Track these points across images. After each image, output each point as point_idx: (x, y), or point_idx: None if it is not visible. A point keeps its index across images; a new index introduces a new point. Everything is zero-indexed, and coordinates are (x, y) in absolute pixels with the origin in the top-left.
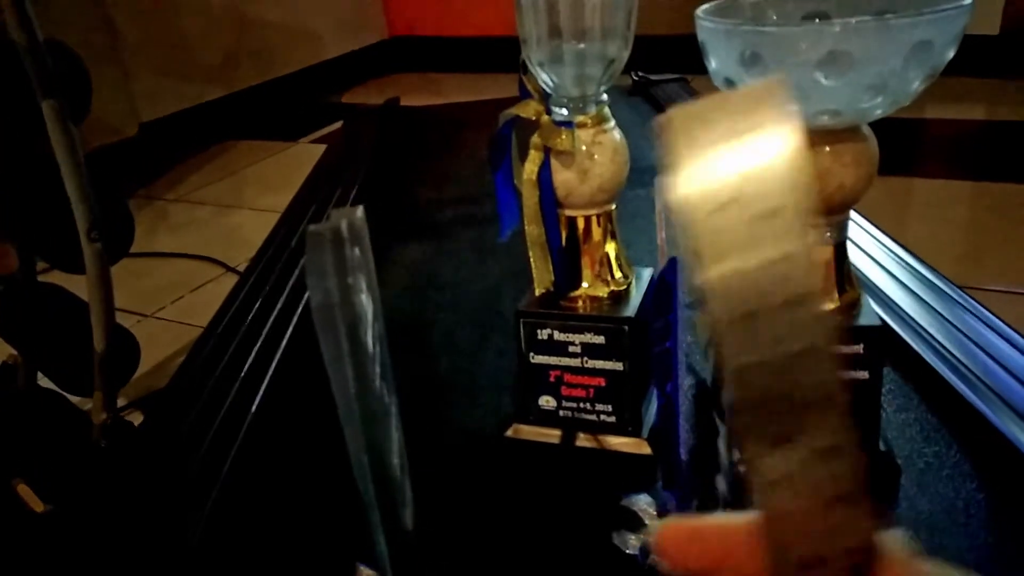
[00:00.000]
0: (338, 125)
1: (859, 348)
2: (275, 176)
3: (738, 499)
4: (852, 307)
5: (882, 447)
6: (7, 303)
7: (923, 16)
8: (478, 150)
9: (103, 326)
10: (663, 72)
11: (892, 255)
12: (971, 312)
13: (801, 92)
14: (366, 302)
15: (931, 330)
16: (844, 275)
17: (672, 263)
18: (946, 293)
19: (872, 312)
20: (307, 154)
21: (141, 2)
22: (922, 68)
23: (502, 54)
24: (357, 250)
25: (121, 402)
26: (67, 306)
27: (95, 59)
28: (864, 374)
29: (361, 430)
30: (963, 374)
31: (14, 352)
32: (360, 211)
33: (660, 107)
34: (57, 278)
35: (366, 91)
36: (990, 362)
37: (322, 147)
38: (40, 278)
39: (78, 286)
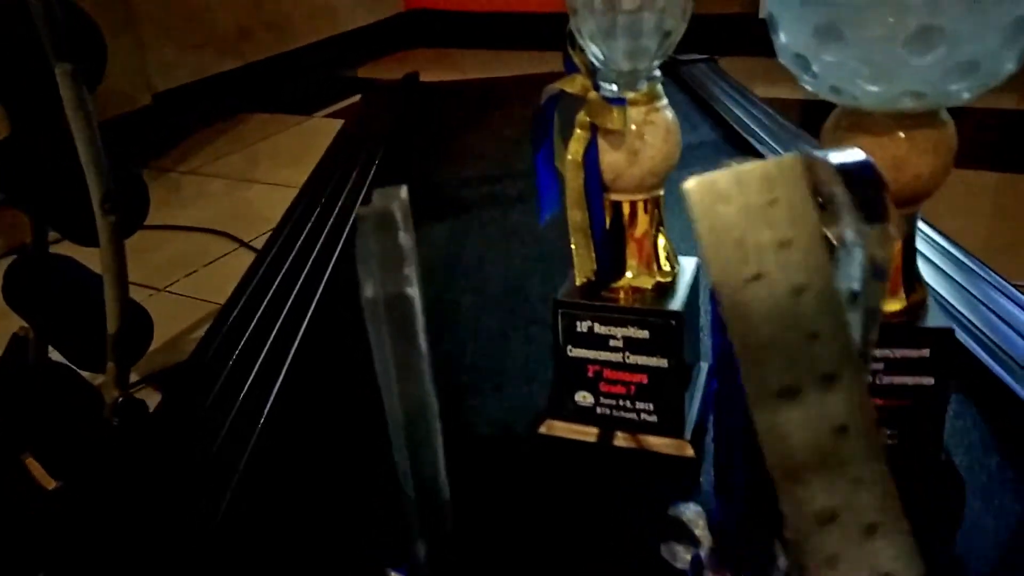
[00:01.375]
0: (354, 99)
1: (925, 352)
2: (290, 150)
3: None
4: (919, 307)
5: (943, 457)
6: (18, 275)
7: None
8: (501, 128)
9: (117, 301)
10: (690, 52)
11: (947, 254)
12: None
13: (883, 71)
14: (416, 294)
15: (989, 333)
16: (912, 273)
17: None
18: (1001, 291)
19: (940, 314)
20: (322, 128)
21: None
22: (1018, 47)
23: (519, 31)
24: (408, 236)
25: (133, 378)
26: (79, 279)
27: (109, 28)
28: (930, 379)
29: (407, 432)
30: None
31: (26, 325)
32: (404, 191)
33: (688, 88)
34: (69, 249)
35: (382, 65)
36: None
37: (337, 122)
38: (52, 249)
39: (91, 258)
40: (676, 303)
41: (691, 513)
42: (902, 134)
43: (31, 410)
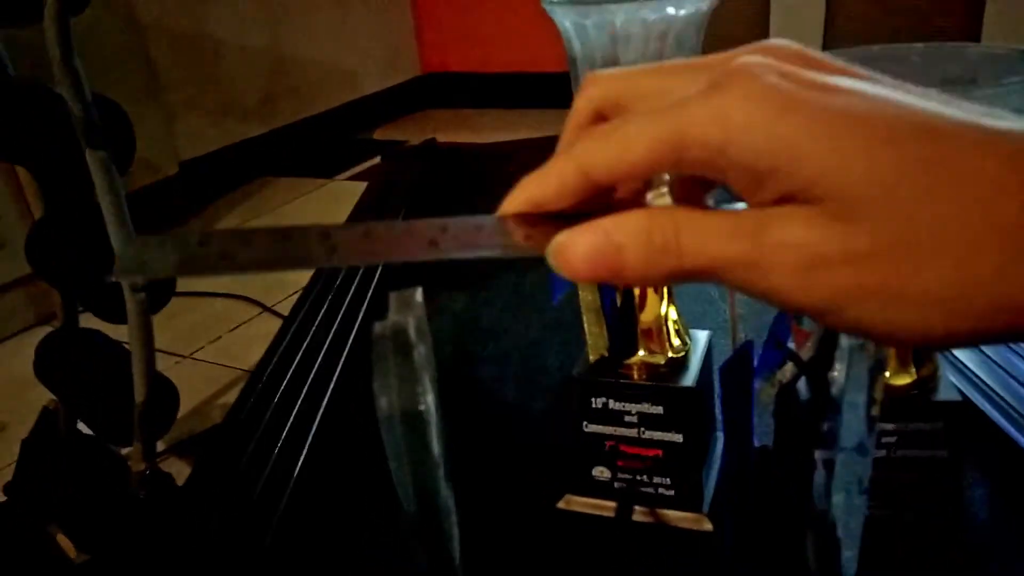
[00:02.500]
0: (374, 161)
1: (939, 425)
2: (312, 213)
3: None
4: (930, 380)
5: (962, 529)
6: (49, 350)
7: (1005, 86)
8: None
9: (144, 375)
10: None
11: None
12: None
13: None
14: (431, 402)
15: (1009, 399)
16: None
17: (749, 342)
18: (1020, 354)
19: (951, 386)
20: (343, 191)
21: (181, 42)
22: None
23: (534, 90)
24: (423, 348)
25: (160, 446)
26: (107, 353)
27: (136, 99)
28: (943, 452)
29: (424, 538)
30: None
31: (54, 398)
32: (419, 294)
33: None
34: (97, 322)
35: (400, 127)
36: None
37: (356, 184)
38: (81, 322)
39: (118, 330)
40: (689, 379)
41: None
42: None
43: (59, 483)
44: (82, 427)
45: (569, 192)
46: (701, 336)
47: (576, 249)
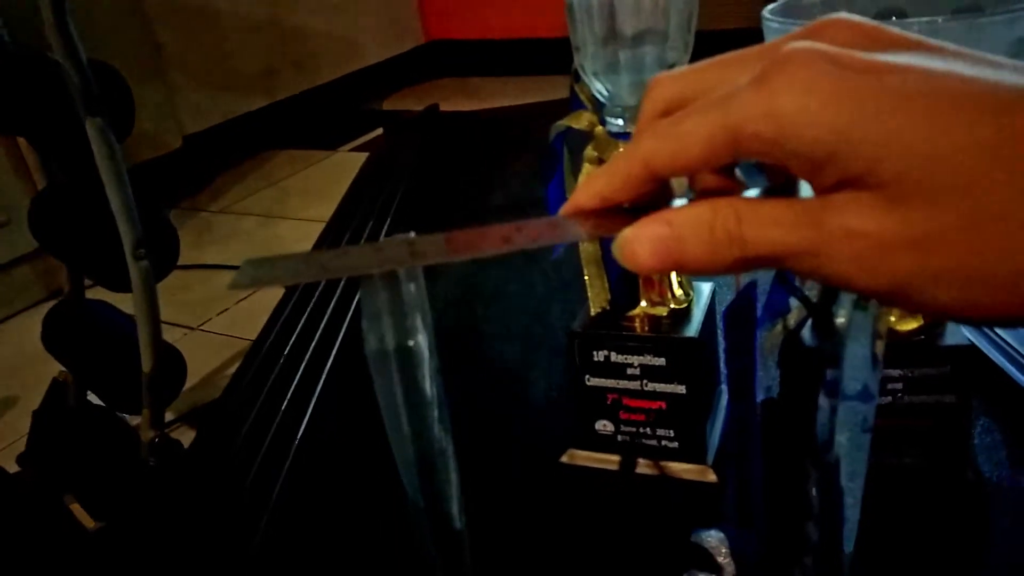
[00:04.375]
0: (378, 132)
1: (946, 369)
2: (317, 185)
3: (831, 546)
4: (937, 325)
5: (970, 476)
6: (56, 321)
7: (1013, 12)
8: (521, 156)
9: (150, 344)
10: None
11: None
12: None
13: None
14: (423, 342)
15: (1016, 344)
16: None
17: (752, 282)
18: None
19: (959, 330)
20: (347, 162)
21: (183, 16)
22: None
23: (539, 56)
24: (413, 286)
25: (169, 416)
26: (115, 323)
27: (139, 74)
28: (951, 398)
29: (418, 479)
30: None
31: (64, 369)
32: (412, 237)
33: None
34: (104, 293)
35: (406, 97)
36: None
37: (362, 155)
38: (88, 294)
39: (124, 301)
40: (692, 329)
41: (713, 540)
42: None
43: (72, 453)
44: (93, 398)
45: (634, 186)
46: (705, 288)
47: (642, 243)
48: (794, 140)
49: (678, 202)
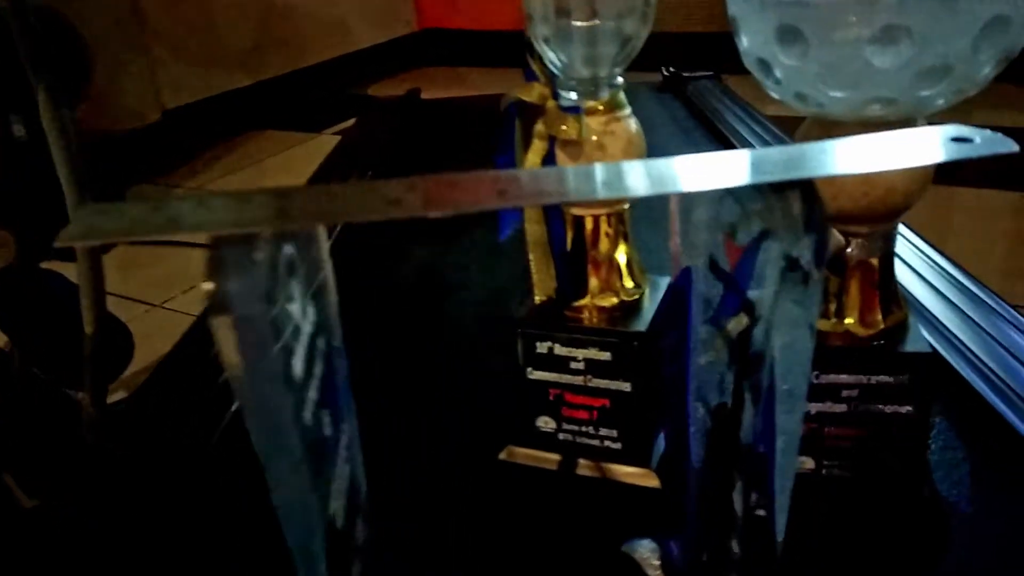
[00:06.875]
0: None
1: (904, 378)
2: (296, 167)
3: (753, 562)
4: (898, 331)
5: (926, 493)
6: (1, 289)
7: None
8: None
9: (93, 317)
10: (697, 70)
11: (940, 271)
12: None
13: (848, 76)
14: (298, 313)
15: (984, 357)
16: (890, 293)
17: (687, 273)
18: (1001, 315)
19: (921, 337)
20: (329, 145)
21: None
22: (995, 49)
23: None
24: (290, 247)
25: (121, 395)
26: (60, 293)
27: (120, 46)
28: (909, 408)
29: (286, 474)
30: (1021, 408)
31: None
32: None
33: (691, 104)
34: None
35: (394, 84)
36: None
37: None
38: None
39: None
40: (640, 324)
41: (644, 551)
42: None
43: (10, 427)
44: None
45: None
46: (662, 282)
47: None
48: None
49: None
